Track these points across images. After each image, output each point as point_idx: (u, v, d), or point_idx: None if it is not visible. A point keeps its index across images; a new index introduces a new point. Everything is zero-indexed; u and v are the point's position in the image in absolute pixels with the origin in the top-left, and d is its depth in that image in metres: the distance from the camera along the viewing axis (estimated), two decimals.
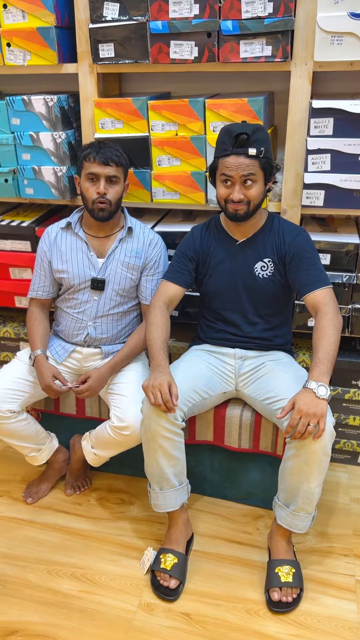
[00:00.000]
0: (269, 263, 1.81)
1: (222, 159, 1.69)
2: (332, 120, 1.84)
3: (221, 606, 1.68)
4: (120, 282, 1.94)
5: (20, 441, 1.94)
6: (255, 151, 1.65)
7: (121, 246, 1.94)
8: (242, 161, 1.66)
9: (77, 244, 1.95)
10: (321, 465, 1.60)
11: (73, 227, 1.96)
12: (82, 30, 1.99)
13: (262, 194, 1.73)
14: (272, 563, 1.73)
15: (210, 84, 2.30)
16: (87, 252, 1.93)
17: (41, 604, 1.68)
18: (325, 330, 1.63)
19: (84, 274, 1.93)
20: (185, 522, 1.82)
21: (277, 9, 1.76)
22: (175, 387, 1.66)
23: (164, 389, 1.63)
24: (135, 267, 1.94)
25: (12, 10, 1.98)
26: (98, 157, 1.81)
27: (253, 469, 2.00)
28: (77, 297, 1.96)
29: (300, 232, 1.80)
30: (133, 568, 1.80)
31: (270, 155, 1.72)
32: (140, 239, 1.96)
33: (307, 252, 1.76)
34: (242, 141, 1.65)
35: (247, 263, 1.83)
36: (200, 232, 1.90)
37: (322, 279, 1.73)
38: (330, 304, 1.69)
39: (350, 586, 1.74)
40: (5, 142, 2.14)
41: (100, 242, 1.95)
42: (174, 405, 1.64)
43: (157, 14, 1.86)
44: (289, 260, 1.77)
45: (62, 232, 1.97)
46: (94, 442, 1.94)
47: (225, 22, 1.81)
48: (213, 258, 1.86)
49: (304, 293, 1.74)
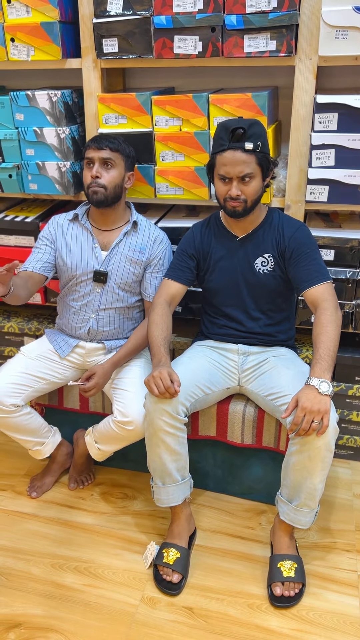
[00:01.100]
0: (270, 258, 1.80)
1: (219, 155, 1.69)
2: (336, 115, 1.83)
3: (223, 600, 1.68)
4: (122, 275, 1.94)
5: (23, 435, 1.95)
6: (252, 146, 1.65)
7: (125, 240, 1.94)
8: (238, 156, 1.66)
9: (82, 235, 1.95)
10: (324, 462, 1.60)
11: (80, 218, 1.96)
12: (85, 25, 1.99)
13: (260, 190, 1.73)
14: (274, 558, 1.73)
15: (214, 78, 2.30)
16: (92, 243, 1.94)
17: (45, 597, 1.70)
18: (325, 326, 1.63)
19: (86, 266, 1.93)
20: (188, 516, 1.83)
21: (281, 3, 1.76)
22: (176, 375, 1.66)
23: (164, 376, 1.63)
24: (139, 261, 1.95)
25: (16, 5, 1.98)
26: (95, 142, 1.85)
27: (256, 465, 2.00)
28: (79, 289, 1.97)
29: (300, 227, 1.80)
30: (136, 562, 1.81)
31: (267, 150, 1.72)
32: (146, 234, 1.96)
33: (307, 247, 1.75)
34: (238, 136, 1.65)
35: (248, 259, 1.82)
36: (200, 229, 1.90)
37: (321, 274, 1.72)
38: (329, 300, 1.68)
39: (353, 582, 1.74)
40: (9, 137, 2.15)
41: (105, 235, 1.95)
42: (176, 391, 1.64)
43: (161, 8, 1.86)
44: (289, 255, 1.77)
45: (69, 222, 1.98)
46: (97, 437, 1.95)
47: (229, 17, 1.81)
48: (213, 255, 1.86)
49: (304, 288, 1.73)
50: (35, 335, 2.39)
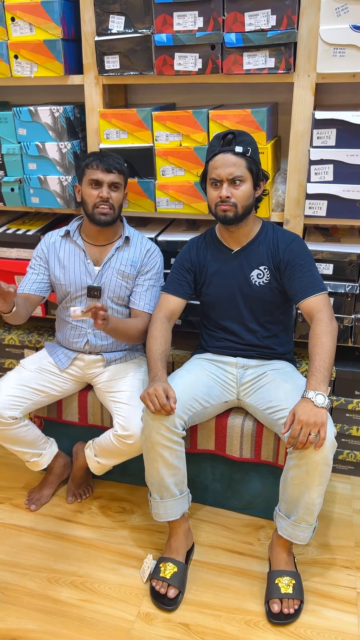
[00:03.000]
0: (265, 270, 1.81)
1: (211, 160, 1.74)
2: (334, 131, 1.85)
3: (220, 617, 1.66)
4: (115, 290, 1.95)
5: (20, 447, 1.95)
6: (242, 149, 1.70)
7: (117, 254, 1.96)
8: (228, 158, 1.70)
9: (75, 251, 1.97)
10: (322, 476, 1.59)
11: (72, 235, 1.98)
12: (88, 43, 2.02)
13: (250, 197, 1.75)
14: (272, 574, 1.72)
15: (214, 95, 2.32)
16: (84, 259, 1.95)
17: (40, 612, 1.68)
18: (320, 337, 1.63)
19: (80, 281, 1.95)
20: (186, 531, 1.82)
21: (280, 21, 1.78)
22: (172, 391, 1.66)
23: (159, 393, 1.64)
24: (131, 275, 1.96)
25: (20, 23, 2.02)
26: (102, 164, 1.85)
27: (254, 479, 1.99)
28: (75, 305, 1.98)
29: (295, 239, 1.81)
30: (133, 577, 1.80)
31: (257, 158, 1.76)
32: (137, 248, 1.98)
33: (302, 259, 1.76)
34: (228, 140, 1.72)
35: (243, 271, 1.83)
36: (196, 244, 1.92)
37: (316, 285, 1.73)
38: (324, 310, 1.69)
39: (352, 599, 1.72)
40: (11, 151, 2.17)
41: (97, 250, 1.97)
42: (172, 409, 1.64)
43: (161, 26, 1.89)
44: (284, 267, 1.78)
45: (61, 239, 1.99)
46: (97, 450, 1.94)
47: (228, 35, 1.83)
48: (209, 268, 1.87)
49: (299, 300, 1.74)
50: (35, 347, 2.40)
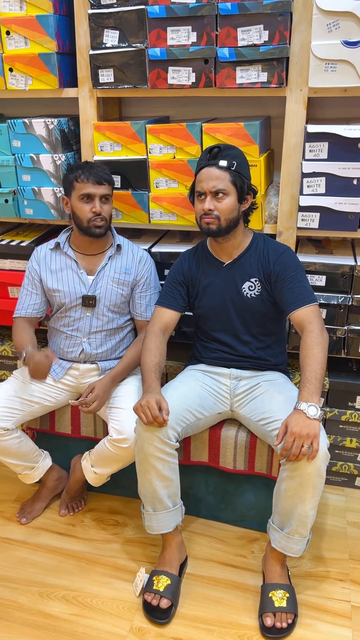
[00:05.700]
0: (256, 282, 1.82)
1: (197, 174, 1.76)
2: (326, 145, 1.87)
3: (214, 631, 1.65)
4: (110, 297, 1.96)
5: (13, 459, 1.94)
6: (227, 163, 1.71)
7: (110, 263, 1.97)
8: (212, 172, 1.72)
9: (66, 262, 1.97)
10: (316, 488, 1.59)
11: (62, 247, 1.98)
12: (82, 56, 2.04)
13: (234, 210, 1.75)
14: (265, 587, 1.70)
15: (208, 108, 2.35)
16: (77, 270, 1.96)
17: (31, 627, 1.66)
18: (311, 348, 1.64)
19: (74, 292, 1.95)
20: (179, 544, 1.80)
21: (272, 36, 1.81)
22: (165, 403, 1.66)
23: (152, 405, 1.63)
24: (126, 282, 1.97)
25: (15, 36, 2.03)
26: (91, 177, 1.85)
27: (248, 491, 1.98)
28: (70, 314, 1.98)
29: (285, 251, 1.82)
30: (125, 591, 1.78)
31: (244, 173, 1.76)
32: (130, 255, 1.99)
33: (292, 270, 1.77)
34: (214, 154, 1.73)
35: (235, 284, 1.84)
36: (188, 257, 1.93)
37: (306, 297, 1.73)
38: (314, 322, 1.69)
39: (346, 612, 1.71)
40: (6, 163, 2.18)
41: (89, 260, 1.97)
42: (165, 420, 1.64)
43: (155, 41, 1.91)
44: (275, 279, 1.79)
45: (51, 252, 2.00)
46: (93, 460, 1.93)
47: (221, 50, 1.86)
48: (201, 281, 1.88)
49: (289, 311, 1.74)
50: None
